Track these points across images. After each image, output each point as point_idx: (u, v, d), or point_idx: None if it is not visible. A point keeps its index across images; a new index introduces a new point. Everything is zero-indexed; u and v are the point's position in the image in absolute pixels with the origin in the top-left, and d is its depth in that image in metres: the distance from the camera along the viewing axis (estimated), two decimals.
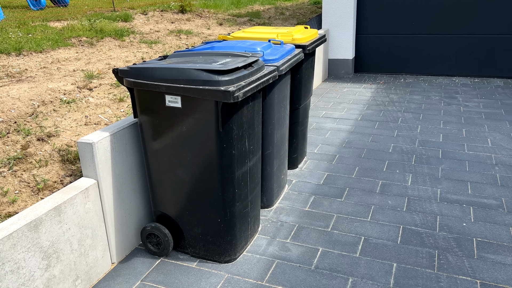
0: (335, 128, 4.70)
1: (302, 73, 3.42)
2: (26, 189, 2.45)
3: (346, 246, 2.68)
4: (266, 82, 2.43)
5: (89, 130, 2.98)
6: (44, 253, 2.05)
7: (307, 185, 3.46)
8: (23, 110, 3.07)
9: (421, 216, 2.96)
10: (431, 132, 4.46)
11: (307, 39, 3.43)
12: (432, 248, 2.62)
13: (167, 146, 2.40)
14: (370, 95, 5.93)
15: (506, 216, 2.92)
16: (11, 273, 1.90)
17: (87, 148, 2.33)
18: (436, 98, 5.65)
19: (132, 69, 2.32)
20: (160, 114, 2.33)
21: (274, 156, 3.03)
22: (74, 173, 2.62)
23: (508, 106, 5.18)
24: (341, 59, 6.92)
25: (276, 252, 2.65)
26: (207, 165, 2.34)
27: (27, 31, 5.37)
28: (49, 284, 2.10)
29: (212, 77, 2.13)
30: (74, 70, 4.08)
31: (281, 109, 3.02)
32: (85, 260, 2.34)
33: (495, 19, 6.26)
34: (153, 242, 2.64)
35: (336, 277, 2.40)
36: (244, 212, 2.58)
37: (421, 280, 2.35)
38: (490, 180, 3.42)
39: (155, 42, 5.50)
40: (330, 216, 3.01)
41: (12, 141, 2.73)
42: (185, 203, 2.50)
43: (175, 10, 7.79)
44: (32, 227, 1.98)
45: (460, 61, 6.64)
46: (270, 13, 8.52)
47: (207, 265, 2.55)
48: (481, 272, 2.40)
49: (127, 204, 2.63)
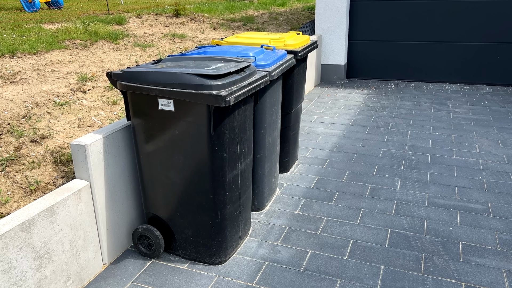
0: (326, 133, 4.75)
1: (294, 78, 3.47)
2: (19, 190, 2.47)
3: (335, 248, 2.72)
4: (257, 87, 2.48)
5: (82, 132, 3.00)
6: (36, 253, 2.08)
7: (298, 189, 3.51)
8: (17, 112, 3.08)
9: (409, 220, 3.02)
10: (420, 138, 4.53)
11: (299, 45, 3.49)
12: (419, 251, 2.68)
13: (159, 149, 2.43)
14: (362, 100, 6.00)
15: (491, 221, 2.98)
16: (3, 273, 1.92)
17: (80, 150, 2.36)
18: (426, 104, 5.73)
19: (126, 73, 2.35)
20: (153, 117, 2.37)
21: (266, 160, 3.07)
22: (66, 174, 2.64)
23: (496, 113, 5.27)
24: (334, 65, 7.00)
25: (266, 254, 2.68)
26: (198, 168, 2.38)
27: (21, 33, 5.38)
28: (40, 284, 2.12)
29: (205, 81, 2.17)
30: (68, 72, 4.10)
31: (272, 113, 3.06)
32: (76, 261, 2.36)
33: (485, 27, 6.38)
34: (144, 243, 2.66)
35: (325, 279, 2.44)
36: (235, 215, 2.61)
37: (408, 283, 2.40)
38: (477, 185, 3.48)
39: (149, 45, 5.53)
40: (319, 219, 3.05)
41: (5, 143, 2.75)
42: (177, 205, 2.53)
43: (169, 14, 7.83)
44: (24, 227, 2.00)
45: (450, 68, 6.75)
46: (264, 18, 8.59)
47: (198, 266, 2.58)
48: (466, 275, 2.45)
49: (119, 206, 2.65)
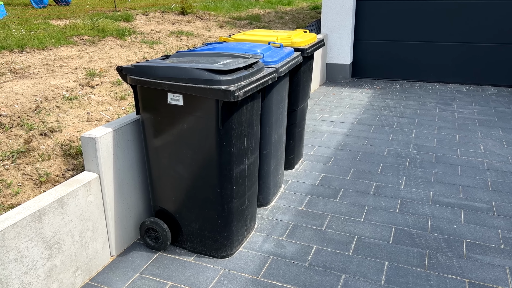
0: (331, 131, 4.78)
1: (301, 76, 3.49)
2: (29, 182, 2.51)
3: (339, 244, 2.75)
4: (265, 83, 2.51)
5: (91, 126, 3.04)
6: (46, 243, 2.12)
7: (303, 186, 3.54)
8: (26, 106, 3.13)
9: (413, 218, 3.04)
10: (425, 137, 4.55)
11: (306, 43, 3.51)
12: (423, 248, 2.70)
13: (168, 143, 2.47)
14: (367, 99, 6.02)
15: (495, 219, 3.00)
16: (15, 261, 1.96)
17: (90, 143, 2.40)
18: (431, 104, 5.74)
19: (136, 67, 2.39)
20: (162, 112, 2.40)
21: (272, 156, 3.10)
22: (75, 167, 2.68)
23: (501, 114, 5.28)
24: (339, 64, 7.02)
25: (271, 249, 2.71)
26: (206, 162, 2.41)
27: (29, 28, 5.43)
28: (50, 273, 2.16)
29: (214, 76, 2.20)
30: (76, 67, 4.14)
31: (279, 110, 3.09)
32: (85, 252, 2.40)
33: (491, 28, 6.38)
34: (151, 236, 2.70)
35: (329, 274, 2.47)
36: (241, 209, 2.64)
37: (412, 278, 2.43)
38: (481, 185, 3.50)
39: (156, 42, 5.57)
40: (324, 216, 3.08)
41: (16, 135, 2.79)
42: (184, 199, 2.57)
43: (176, 11, 7.87)
44: (36, 217, 2.04)
45: (456, 69, 6.75)
46: (270, 17, 8.62)
47: (204, 259, 2.62)
48: (470, 272, 2.48)
49: (127, 199, 2.69)
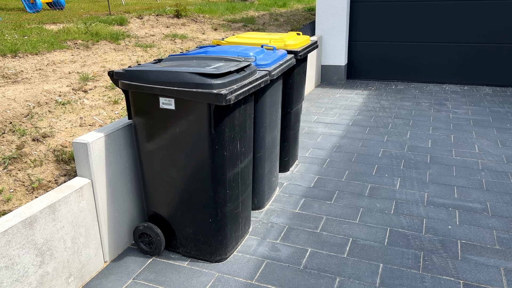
0: (326, 133, 4.78)
1: (294, 78, 3.49)
2: (21, 188, 2.49)
3: (334, 247, 2.75)
4: (258, 86, 2.50)
5: (83, 131, 3.03)
6: (38, 250, 2.10)
7: (298, 188, 3.53)
8: (19, 111, 3.11)
9: (408, 219, 3.04)
10: (420, 138, 4.55)
11: (299, 45, 3.51)
12: (417, 250, 2.70)
13: (160, 147, 2.46)
14: (362, 101, 6.02)
15: (490, 220, 3.00)
16: (6, 269, 1.94)
17: (82, 148, 2.38)
18: (426, 105, 5.75)
19: (127, 72, 2.38)
20: (154, 116, 2.39)
21: (266, 159, 3.09)
22: (68, 173, 2.67)
23: (496, 113, 5.29)
24: (334, 65, 7.03)
25: (266, 252, 2.70)
26: (199, 166, 2.40)
27: (23, 33, 5.41)
28: (42, 280, 2.14)
29: (205, 80, 2.20)
30: (70, 72, 4.13)
31: (272, 112, 3.09)
32: (78, 258, 2.38)
33: (485, 28, 6.40)
34: (145, 241, 2.69)
35: (324, 277, 2.46)
36: (235, 213, 2.63)
37: (406, 280, 2.42)
38: (476, 185, 3.50)
39: (150, 46, 5.56)
40: (319, 218, 3.07)
41: (8, 141, 2.78)
42: (177, 203, 2.56)
43: (170, 14, 7.87)
44: (27, 224, 2.02)
45: (450, 69, 6.77)
46: (265, 19, 8.62)
47: (198, 264, 2.61)
48: (464, 273, 2.47)
49: (120, 204, 2.68)
